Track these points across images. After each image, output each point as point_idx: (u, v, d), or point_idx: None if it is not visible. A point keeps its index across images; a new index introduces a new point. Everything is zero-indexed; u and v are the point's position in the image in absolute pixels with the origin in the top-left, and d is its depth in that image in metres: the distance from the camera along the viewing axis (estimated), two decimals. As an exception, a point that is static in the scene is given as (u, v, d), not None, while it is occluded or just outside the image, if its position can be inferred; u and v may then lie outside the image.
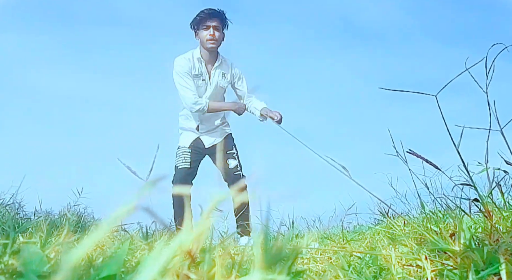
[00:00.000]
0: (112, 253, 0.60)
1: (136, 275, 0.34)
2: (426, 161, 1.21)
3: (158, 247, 0.39)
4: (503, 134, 1.11)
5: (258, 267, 0.45)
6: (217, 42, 3.06)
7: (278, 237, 0.65)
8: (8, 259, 0.76)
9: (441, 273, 0.84)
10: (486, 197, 1.12)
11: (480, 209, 1.07)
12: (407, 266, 1.00)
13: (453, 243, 0.85)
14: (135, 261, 0.97)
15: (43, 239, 1.00)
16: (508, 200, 1.41)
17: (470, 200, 1.16)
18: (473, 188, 1.11)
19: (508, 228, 0.94)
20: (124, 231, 1.71)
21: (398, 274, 0.95)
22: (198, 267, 0.51)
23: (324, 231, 2.75)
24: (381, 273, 1.03)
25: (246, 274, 0.47)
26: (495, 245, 0.83)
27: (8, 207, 2.85)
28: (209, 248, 0.52)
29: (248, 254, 0.64)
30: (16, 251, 0.78)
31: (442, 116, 1.08)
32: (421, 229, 1.21)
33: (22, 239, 1.02)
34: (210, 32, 3.00)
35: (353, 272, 1.01)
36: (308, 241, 1.69)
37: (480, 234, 0.97)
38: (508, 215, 1.10)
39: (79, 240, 1.37)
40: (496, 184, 1.24)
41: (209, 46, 3.04)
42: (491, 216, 0.99)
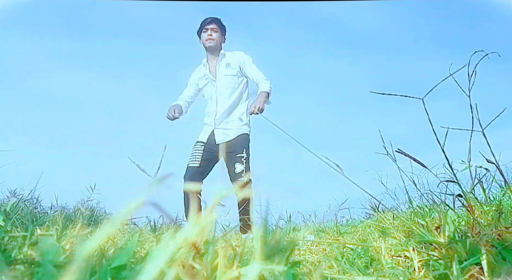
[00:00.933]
0: (122, 244, 0.60)
1: (144, 265, 0.34)
2: (414, 160, 1.21)
3: (165, 240, 0.39)
4: (485, 134, 1.11)
5: (258, 258, 0.45)
6: (215, 41, 3.22)
7: (276, 230, 0.65)
8: (27, 250, 0.76)
9: (427, 263, 0.84)
10: (469, 193, 1.12)
11: (463, 204, 1.07)
12: (396, 257, 1.00)
13: (438, 236, 0.85)
14: (143, 252, 0.97)
15: (59, 232, 1.00)
16: (489, 195, 1.41)
17: (454, 196, 1.16)
18: (457, 184, 1.11)
19: (489, 222, 0.94)
20: (134, 224, 1.71)
21: (387, 264, 0.95)
22: (202, 258, 0.51)
23: (319, 225, 2.75)
24: (372, 264, 1.03)
25: (247, 265, 0.47)
26: (477, 237, 0.83)
27: (27, 202, 2.85)
28: (212, 240, 0.52)
29: (248, 246, 0.64)
30: (34, 242, 0.78)
31: (428, 118, 1.08)
32: (409, 222, 1.21)
33: (40, 231, 1.02)
34: (208, 33, 3.22)
35: (346, 263, 1.01)
36: (304, 234, 1.69)
37: (463, 227, 0.97)
38: (489, 210, 1.10)
39: (92, 232, 1.37)
40: (478, 181, 1.24)
41: (208, 45, 3.22)
42: (473, 211, 0.99)
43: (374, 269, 0.98)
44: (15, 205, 1.49)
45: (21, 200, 2.55)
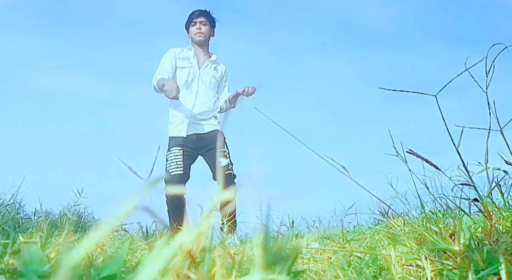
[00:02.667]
0: (112, 253, 0.60)
1: (136, 275, 0.34)
2: (426, 161, 1.21)
3: (158, 247, 0.39)
4: (503, 134, 1.11)
5: (258, 267, 0.45)
6: (204, 35, 3.32)
7: (278, 237, 0.65)
8: (8, 259, 0.76)
9: (440, 273, 0.84)
10: (486, 197, 1.12)
11: (479, 209, 1.07)
12: (407, 266, 1.00)
13: (452, 243, 0.85)
14: (135, 261, 0.97)
15: (43, 239, 1.00)
16: (507, 200, 1.41)
17: (470, 200, 1.16)
18: (473, 188, 1.11)
19: (508, 228, 0.94)
20: (124, 231, 1.71)
21: (398, 274, 0.95)
22: (198, 267, 0.51)
23: (324, 231, 2.75)
24: (381, 273, 1.03)
25: (246, 274, 0.47)
26: (494, 245, 0.83)
27: (9, 207, 2.85)
28: (209, 248, 0.52)
29: (248, 254, 0.64)
30: (16, 251, 0.78)
31: (442, 116, 1.08)
32: (421, 229, 1.21)
33: (23, 239, 1.02)
34: (197, 26, 3.32)
35: (353, 272, 1.01)
36: (308, 241, 1.69)
37: (480, 234, 0.97)
38: (507, 215, 1.10)
39: (80, 240, 1.37)
40: (495, 184, 1.24)
41: (197, 39, 3.33)
42: (490, 216, 0.99)
43: (383, 279, 0.98)
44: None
45: (2, 205, 2.55)
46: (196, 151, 3.24)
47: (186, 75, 3.28)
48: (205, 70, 3.31)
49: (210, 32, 3.38)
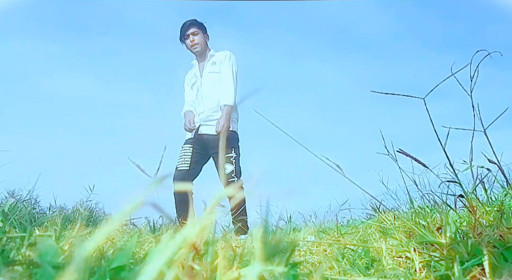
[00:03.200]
0: (121, 245, 0.60)
1: (144, 266, 0.34)
2: (415, 160, 1.21)
3: (165, 240, 0.39)
4: (486, 134, 1.11)
5: (258, 259, 0.45)
6: (199, 45, 3.27)
7: (276, 231, 0.65)
8: (25, 251, 0.76)
9: (428, 264, 0.84)
10: (471, 193, 1.12)
11: (465, 204, 1.07)
12: (397, 257, 1.00)
13: (439, 236, 0.85)
14: (143, 253, 0.97)
15: (57, 233, 1.00)
16: (491, 196, 1.41)
17: (456, 196, 1.16)
18: (459, 185, 1.11)
19: (491, 222, 0.94)
20: (133, 225, 1.71)
21: (388, 265, 0.95)
22: (202, 259, 0.51)
23: (320, 225, 2.75)
24: (372, 264, 1.03)
25: (247, 266, 0.47)
26: (478, 238, 0.83)
27: (25, 202, 2.85)
28: (212, 241, 0.52)
29: (248, 247, 0.64)
30: (32, 243, 0.78)
31: (430, 117, 1.08)
32: (410, 223, 1.21)
33: (38, 232, 1.02)
34: (190, 39, 3.27)
35: (347, 263, 1.01)
36: (304, 235, 1.69)
37: (465, 227, 0.97)
38: (490, 210, 1.10)
39: (91, 233, 1.37)
40: (479, 181, 1.24)
41: (194, 50, 3.30)
42: (475, 211, 0.99)
43: (375, 270, 0.98)
44: (13, 205, 1.49)
45: (19, 201, 2.55)
46: (207, 152, 3.15)
47: (195, 88, 3.29)
48: (205, 74, 3.25)
49: (205, 38, 3.33)
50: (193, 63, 3.38)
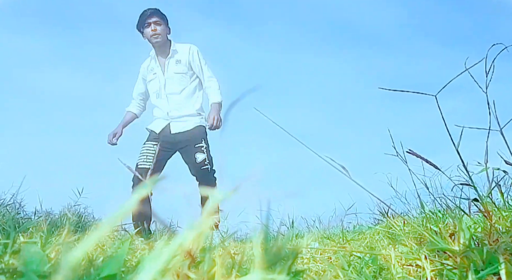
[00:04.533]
0: (112, 252, 0.60)
1: (136, 274, 0.34)
2: (426, 161, 1.21)
3: (158, 247, 0.39)
4: (503, 134, 1.11)
5: (258, 267, 0.45)
6: (161, 36, 3.23)
7: (278, 237, 0.65)
8: (8, 259, 0.76)
9: (440, 273, 0.84)
10: (486, 197, 1.12)
11: (479, 209, 1.07)
12: (406, 266, 1.00)
13: (452, 243, 0.85)
14: (135, 261, 0.97)
15: (43, 239, 1.00)
16: (507, 200, 1.41)
17: (470, 200, 1.16)
18: (473, 188, 1.10)
19: (508, 228, 0.94)
20: (125, 231, 1.71)
21: (397, 273, 0.95)
22: (198, 267, 0.51)
23: (324, 231, 2.75)
24: (380, 273, 1.03)
25: (246, 274, 0.47)
26: (494, 245, 0.83)
27: (9, 207, 2.85)
28: (209, 247, 0.52)
29: (248, 254, 0.64)
30: (16, 251, 0.78)
31: (442, 116, 1.08)
32: (420, 229, 1.21)
33: (23, 239, 1.02)
34: (152, 28, 3.20)
35: (353, 272, 1.01)
36: (308, 241, 1.69)
37: (480, 234, 0.97)
38: (507, 215, 1.10)
39: (80, 240, 1.36)
40: (495, 184, 1.24)
41: (154, 41, 3.23)
42: (490, 216, 0.99)
43: (383, 279, 0.98)
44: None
45: (3, 205, 2.55)
46: (173, 147, 3.19)
47: (154, 86, 3.28)
48: (168, 72, 3.24)
49: (166, 31, 3.29)
50: (151, 55, 3.33)
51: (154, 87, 3.29)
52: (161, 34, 3.22)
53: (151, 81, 3.30)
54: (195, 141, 3.15)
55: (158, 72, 3.27)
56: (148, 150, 3.14)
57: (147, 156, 3.11)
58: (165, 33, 3.26)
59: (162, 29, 3.22)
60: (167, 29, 3.30)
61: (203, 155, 3.11)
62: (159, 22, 3.22)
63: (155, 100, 3.28)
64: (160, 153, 3.14)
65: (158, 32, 3.20)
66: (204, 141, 3.19)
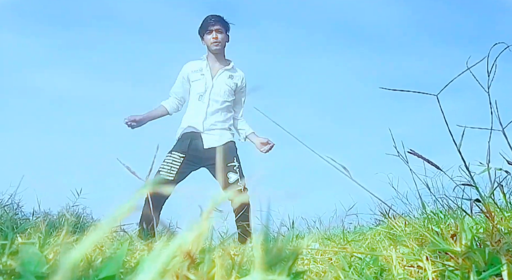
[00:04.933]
0: (111, 253, 0.60)
1: (135, 276, 0.34)
2: (427, 161, 1.21)
3: (158, 248, 0.39)
4: (505, 134, 1.11)
5: (258, 268, 0.45)
6: (220, 44, 3.29)
7: (278, 238, 0.65)
8: (6, 260, 0.76)
9: (442, 274, 0.84)
10: (488, 198, 1.12)
11: (481, 209, 1.07)
12: (408, 267, 1.00)
13: (454, 244, 0.85)
14: (134, 262, 0.97)
15: (41, 240, 1.00)
16: (509, 200, 1.41)
17: (472, 201, 1.16)
18: (475, 188, 1.10)
19: (510, 229, 0.94)
20: (123, 231, 1.71)
21: (399, 275, 0.95)
22: (198, 268, 0.51)
23: (325, 232, 2.75)
24: (382, 274, 1.03)
25: (246, 275, 0.47)
26: (496, 246, 0.83)
27: (7, 207, 2.85)
28: (209, 248, 0.52)
29: (248, 255, 0.64)
30: (14, 252, 0.78)
31: (444, 116, 1.08)
32: (422, 229, 1.21)
33: (21, 239, 1.02)
34: (213, 36, 3.26)
35: (354, 273, 1.01)
36: (308, 242, 1.69)
37: (482, 234, 0.97)
38: (510, 216, 1.10)
39: (78, 240, 1.37)
40: (497, 185, 1.24)
41: (213, 48, 3.28)
42: (492, 217, 0.99)
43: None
44: (-6, 210, 1.48)
45: (1, 206, 2.55)
46: (202, 162, 3.17)
47: (199, 87, 3.25)
48: (218, 80, 3.26)
49: (226, 39, 3.35)
50: (202, 58, 3.36)
51: (199, 88, 3.27)
52: (221, 42, 3.28)
53: (197, 82, 3.28)
54: (228, 159, 3.15)
55: (206, 74, 3.27)
56: (174, 161, 3.12)
57: (171, 167, 3.09)
58: (224, 41, 3.33)
59: (222, 37, 3.29)
60: (226, 37, 3.35)
61: (236, 175, 3.10)
62: (221, 30, 3.28)
63: (196, 102, 3.25)
64: (185, 165, 3.12)
65: (218, 40, 3.26)
66: (236, 159, 3.19)
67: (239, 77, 3.36)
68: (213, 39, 3.24)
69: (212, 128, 3.21)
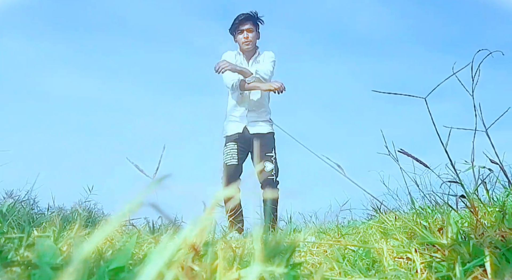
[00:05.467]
0: (120, 246, 0.60)
1: (143, 267, 0.34)
2: (416, 160, 1.21)
3: (164, 241, 0.39)
4: (488, 134, 1.11)
5: (258, 260, 0.45)
6: (251, 43, 3.21)
7: (277, 232, 0.65)
8: (23, 252, 0.76)
9: (429, 265, 0.84)
10: (472, 194, 1.12)
11: (466, 205, 1.07)
12: (398, 258, 1.00)
13: (441, 237, 0.85)
14: (142, 254, 0.97)
15: (56, 233, 1.00)
16: (492, 196, 1.41)
17: (457, 197, 1.16)
18: (460, 185, 1.11)
19: (493, 223, 0.94)
20: (132, 225, 1.71)
21: (389, 266, 0.95)
22: (202, 260, 0.51)
23: (320, 226, 2.75)
24: (373, 265, 1.03)
25: (247, 266, 0.47)
26: (480, 238, 0.83)
27: (23, 203, 2.85)
28: (212, 241, 0.52)
29: (248, 248, 0.64)
30: (31, 244, 0.78)
31: (431, 117, 1.08)
32: (411, 223, 1.21)
33: (37, 233, 1.02)
34: (244, 35, 3.19)
35: (347, 264, 1.01)
36: (305, 235, 1.69)
37: (467, 228, 0.97)
38: (492, 211, 1.10)
39: (90, 234, 1.37)
40: (481, 182, 1.24)
41: (245, 47, 3.22)
42: (476, 212, 0.99)
43: (376, 271, 0.98)
44: (12, 206, 1.49)
45: (18, 201, 2.55)
46: (249, 148, 3.18)
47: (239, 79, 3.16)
48: (252, 70, 3.17)
49: (257, 36, 3.27)
50: (239, 51, 3.26)
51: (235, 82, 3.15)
52: (252, 41, 3.21)
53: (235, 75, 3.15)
54: (267, 149, 3.12)
55: None
56: (232, 149, 3.12)
57: (232, 154, 3.10)
58: (255, 39, 3.25)
59: (253, 36, 3.21)
60: (257, 35, 3.27)
61: (272, 165, 3.09)
62: (251, 29, 3.21)
63: (237, 95, 3.18)
64: (240, 151, 3.12)
65: (250, 39, 3.19)
66: (273, 150, 3.16)
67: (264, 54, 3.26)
68: (244, 39, 3.18)
69: (255, 120, 3.18)
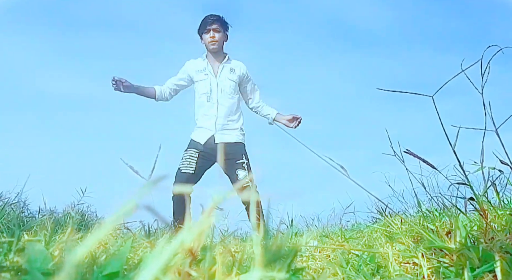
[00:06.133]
0: (115, 250, 0.60)
1: (138, 272, 0.34)
2: (423, 161, 1.21)
3: (160, 245, 0.39)
4: (498, 134, 1.11)
5: (258, 265, 0.45)
6: (218, 43, 3.26)
7: (277, 235, 0.65)
8: (13, 257, 0.76)
9: (437, 270, 0.84)
10: (482, 196, 1.12)
11: (475, 207, 1.07)
12: (404, 263, 1.00)
13: (449, 241, 0.85)
14: (137, 259, 0.97)
15: (47, 237, 1.00)
16: (503, 199, 1.41)
17: (466, 199, 1.16)
18: (469, 187, 1.10)
19: (503, 227, 0.94)
20: (127, 229, 1.71)
21: (395, 271, 0.95)
22: (199, 265, 0.51)
23: (323, 230, 2.75)
24: (378, 271, 1.03)
25: (246, 272, 0.47)
26: (490, 243, 0.83)
27: (13, 205, 2.85)
28: (210, 246, 0.52)
29: (248, 252, 0.64)
30: (21, 249, 0.78)
31: (439, 116, 1.08)
32: (417, 227, 1.21)
33: (27, 237, 1.02)
34: (211, 35, 3.24)
35: (351, 270, 1.01)
36: (307, 239, 1.69)
37: (476, 232, 0.97)
38: (502, 214, 1.10)
39: (83, 238, 1.36)
40: (491, 183, 1.24)
41: (211, 47, 3.26)
42: (486, 215, 0.99)
43: (381, 277, 0.98)
44: (1, 209, 1.49)
45: (7, 204, 2.55)
46: (214, 158, 3.21)
47: (205, 88, 3.25)
48: (221, 77, 3.26)
49: (224, 38, 3.33)
50: (203, 58, 3.34)
51: (204, 89, 3.26)
52: (218, 41, 3.26)
53: (201, 82, 3.27)
54: (236, 156, 3.16)
55: (210, 74, 3.27)
56: (191, 156, 3.16)
57: (190, 162, 3.14)
58: (222, 40, 3.30)
59: (220, 36, 3.27)
60: (224, 36, 3.33)
61: (244, 172, 3.14)
62: (218, 29, 3.26)
63: (204, 103, 3.24)
64: (200, 161, 3.15)
65: (216, 39, 3.24)
66: (244, 156, 3.21)
67: (238, 67, 3.35)
68: (210, 38, 3.23)
69: (225, 128, 3.22)
